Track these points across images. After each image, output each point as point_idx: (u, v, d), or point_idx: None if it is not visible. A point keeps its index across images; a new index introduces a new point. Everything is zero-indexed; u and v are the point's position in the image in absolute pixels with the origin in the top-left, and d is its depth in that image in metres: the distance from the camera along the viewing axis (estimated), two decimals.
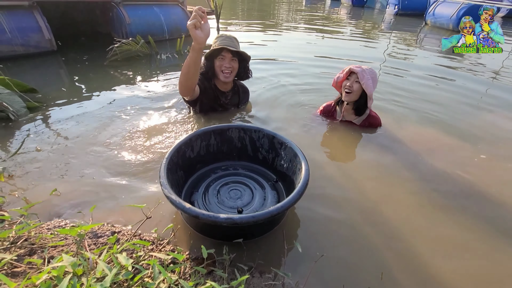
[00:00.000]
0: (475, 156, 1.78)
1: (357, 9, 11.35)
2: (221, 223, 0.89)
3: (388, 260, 1.06)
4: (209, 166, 1.43)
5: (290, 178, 1.27)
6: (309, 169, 1.12)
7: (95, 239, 1.03)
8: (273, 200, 1.27)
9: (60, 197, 1.27)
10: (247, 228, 1.07)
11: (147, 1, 4.10)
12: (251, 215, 0.91)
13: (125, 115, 2.01)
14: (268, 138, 1.39)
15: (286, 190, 1.31)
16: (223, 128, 1.41)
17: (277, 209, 0.93)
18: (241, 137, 1.44)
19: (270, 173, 1.42)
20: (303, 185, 1.03)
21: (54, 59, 3.18)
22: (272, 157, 1.41)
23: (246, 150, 1.46)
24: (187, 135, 1.29)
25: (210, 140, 1.40)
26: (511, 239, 1.20)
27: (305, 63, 3.55)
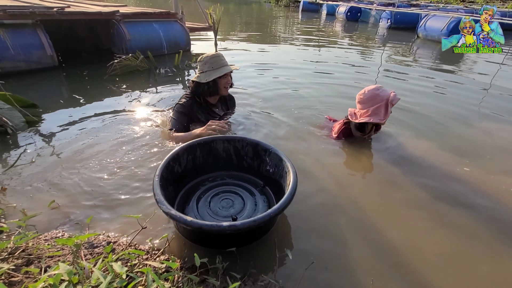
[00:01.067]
0: (465, 167, 1.82)
1: (352, 23, 11.68)
2: (225, 231, 0.93)
3: (379, 268, 1.09)
4: (197, 179, 1.45)
5: (277, 182, 1.33)
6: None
7: (91, 249, 1.05)
8: (264, 204, 1.32)
9: (57, 209, 1.29)
10: (245, 234, 1.10)
11: (146, 18, 4.25)
12: (252, 220, 0.96)
13: (122, 129, 2.06)
14: (252, 146, 1.44)
15: (275, 193, 1.37)
16: (207, 141, 1.42)
17: (275, 211, 0.99)
18: (226, 147, 1.47)
19: (256, 179, 1.47)
20: (293, 186, 1.09)
21: (55, 75, 3.27)
22: (257, 164, 1.46)
23: (231, 160, 1.49)
24: (174, 150, 1.29)
25: (196, 153, 1.41)
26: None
27: (302, 74, 3.65)
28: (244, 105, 2.55)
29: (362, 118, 1.78)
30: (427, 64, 4.86)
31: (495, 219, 1.38)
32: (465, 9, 11.04)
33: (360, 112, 1.82)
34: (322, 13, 14.96)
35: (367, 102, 1.78)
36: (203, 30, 5.58)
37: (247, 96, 2.83)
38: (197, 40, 5.81)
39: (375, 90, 1.77)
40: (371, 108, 1.75)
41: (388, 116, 1.73)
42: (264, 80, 3.35)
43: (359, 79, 3.64)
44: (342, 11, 12.48)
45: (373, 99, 1.75)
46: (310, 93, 2.99)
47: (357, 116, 1.83)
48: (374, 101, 1.75)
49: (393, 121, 2.35)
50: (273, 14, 14.66)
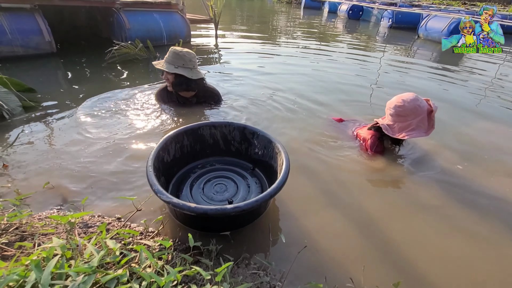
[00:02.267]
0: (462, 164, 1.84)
1: (353, 21, 11.65)
2: (230, 213, 0.94)
3: (371, 254, 1.10)
4: (186, 167, 1.44)
5: (267, 163, 1.36)
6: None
7: (85, 228, 1.05)
8: (257, 186, 1.35)
9: (52, 190, 1.29)
10: (243, 216, 1.12)
11: (147, 7, 4.20)
12: (255, 200, 0.98)
13: (118, 115, 2.05)
14: (239, 131, 1.45)
15: (265, 174, 1.40)
16: (193, 127, 1.41)
17: (274, 189, 1.02)
18: (212, 133, 1.47)
19: (245, 162, 1.49)
20: (287, 165, 1.13)
21: (53, 61, 3.23)
22: (245, 147, 1.47)
23: (219, 145, 1.49)
24: (162, 140, 1.27)
25: (183, 141, 1.39)
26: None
27: (300, 74, 3.65)
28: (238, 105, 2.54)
29: (406, 132, 1.63)
30: (427, 64, 4.87)
31: (492, 215, 1.40)
32: (466, 11, 11.04)
33: (399, 125, 1.66)
34: (324, 10, 14.89)
35: (409, 115, 1.62)
36: (204, 22, 5.54)
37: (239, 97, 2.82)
38: (197, 32, 5.77)
39: (415, 101, 1.62)
40: (414, 121, 1.61)
41: (434, 127, 1.62)
42: (262, 79, 3.32)
43: (360, 78, 3.64)
44: (344, 9, 12.43)
45: (415, 111, 1.61)
46: (309, 92, 2.99)
47: (395, 130, 1.68)
48: (416, 113, 1.61)
49: None
50: (275, 11, 14.57)
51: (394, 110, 1.67)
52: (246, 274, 0.96)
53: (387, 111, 1.75)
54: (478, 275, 1.07)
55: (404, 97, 1.66)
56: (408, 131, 1.63)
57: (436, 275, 1.04)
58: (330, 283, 0.94)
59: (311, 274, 0.99)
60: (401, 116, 1.65)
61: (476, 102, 3.03)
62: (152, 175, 1.06)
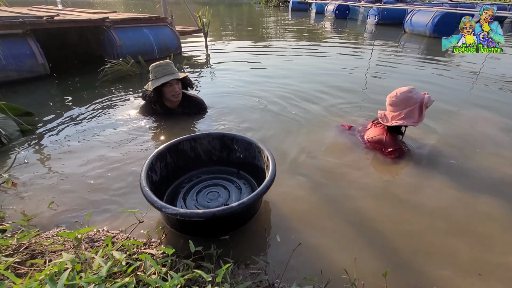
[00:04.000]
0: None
1: (340, 20, 11.86)
2: (237, 210, 1.02)
3: (361, 246, 1.17)
4: (173, 184, 1.46)
5: (251, 163, 1.45)
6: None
7: (91, 243, 1.11)
8: (246, 186, 1.44)
9: (57, 209, 1.35)
10: (243, 213, 1.22)
11: (136, 23, 4.29)
12: (255, 193, 1.07)
13: (115, 132, 2.12)
14: (218, 139, 1.53)
15: (251, 174, 1.49)
16: (174, 144, 1.44)
17: (269, 181, 1.14)
18: (193, 146, 1.51)
19: (229, 168, 1.56)
20: (273, 160, 1.25)
21: (47, 83, 3.30)
22: (226, 153, 1.55)
23: (200, 157, 1.55)
24: (148, 160, 1.28)
25: (167, 159, 1.41)
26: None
27: (293, 75, 3.74)
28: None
29: (395, 121, 1.75)
30: (415, 57, 4.99)
31: (488, 207, 1.47)
32: (450, 3, 11.26)
33: (392, 115, 1.79)
34: (312, 12, 15.12)
35: (400, 104, 1.75)
36: (193, 33, 5.64)
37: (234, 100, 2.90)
38: (188, 43, 5.87)
39: (408, 92, 1.74)
40: (404, 110, 1.74)
41: (422, 118, 1.72)
42: (255, 86, 3.40)
43: (351, 75, 3.73)
44: (331, 9, 12.65)
45: (406, 101, 1.73)
46: (305, 96, 3.07)
47: (388, 118, 1.80)
48: (407, 103, 1.74)
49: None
50: (263, 15, 14.77)
51: (388, 101, 1.84)
52: (246, 274, 1.02)
53: (386, 103, 1.87)
54: (462, 264, 1.14)
55: (400, 89, 1.80)
56: (398, 119, 1.76)
57: (421, 264, 1.11)
58: (325, 276, 1.00)
59: (307, 269, 1.06)
60: (393, 106, 1.80)
61: (466, 91, 3.13)
62: (150, 193, 1.09)
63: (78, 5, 16.31)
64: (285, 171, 1.66)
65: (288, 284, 0.97)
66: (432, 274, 1.06)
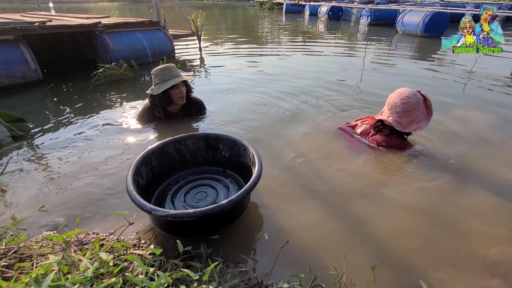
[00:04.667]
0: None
1: (334, 22, 11.97)
2: (227, 207, 1.04)
3: (349, 242, 1.19)
4: (160, 187, 1.45)
5: (237, 161, 1.47)
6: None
7: (80, 246, 1.11)
8: (233, 184, 1.46)
9: (47, 213, 1.35)
10: (232, 210, 1.23)
11: (129, 27, 4.31)
12: (244, 189, 1.09)
13: (108, 137, 2.12)
14: (202, 140, 1.53)
15: (237, 171, 1.51)
16: (159, 146, 1.43)
17: (256, 177, 1.16)
18: (177, 148, 1.51)
19: (215, 168, 1.57)
20: (258, 156, 1.29)
21: (40, 88, 3.29)
22: (212, 153, 1.56)
23: (186, 159, 1.54)
24: (133, 164, 1.27)
25: (152, 162, 1.40)
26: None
27: (289, 76, 3.77)
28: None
29: (416, 124, 1.78)
30: (408, 57, 5.05)
31: (475, 203, 1.50)
32: (441, 2, 11.42)
33: (407, 120, 1.79)
34: (305, 13, 15.24)
35: (414, 108, 1.77)
36: (186, 37, 5.66)
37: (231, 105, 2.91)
38: (182, 46, 5.89)
39: (416, 95, 1.77)
40: (418, 113, 1.78)
41: (431, 114, 1.81)
42: (250, 87, 3.43)
43: (345, 75, 3.77)
44: (324, 11, 12.76)
45: (418, 104, 1.77)
46: (300, 97, 3.09)
47: (404, 124, 1.80)
48: (419, 106, 1.78)
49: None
50: (258, 18, 14.86)
51: (400, 107, 1.78)
52: (235, 273, 1.02)
53: (391, 109, 1.83)
54: (447, 258, 1.15)
55: (405, 93, 1.79)
56: (416, 123, 1.79)
57: (407, 259, 1.13)
58: (314, 273, 1.01)
59: (295, 266, 1.07)
60: (407, 111, 1.78)
61: (459, 90, 3.17)
62: (138, 197, 1.09)
63: (72, 11, 16.31)
64: (274, 171, 1.68)
65: (276, 281, 0.98)
66: (418, 268, 1.08)
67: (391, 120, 1.82)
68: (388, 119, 1.84)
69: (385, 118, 1.86)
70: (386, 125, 1.89)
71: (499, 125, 2.33)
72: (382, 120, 1.89)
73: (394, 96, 1.83)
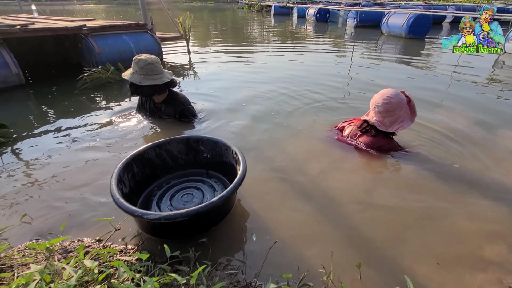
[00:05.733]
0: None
1: (322, 24, 12.14)
2: (218, 204, 1.06)
3: (336, 241, 1.21)
4: (144, 194, 1.42)
5: (219, 161, 1.49)
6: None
7: (65, 254, 1.08)
8: (218, 184, 1.48)
9: (30, 222, 1.31)
10: (220, 209, 1.25)
11: (115, 30, 4.24)
12: (232, 185, 1.12)
13: (91, 141, 2.08)
14: (183, 143, 1.53)
15: (221, 171, 1.52)
16: (139, 153, 1.40)
17: (242, 173, 1.20)
18: (158, 153, 1.49)
19: (197, 170, 1.57)
20: (242, 155, 1.31)
21: (23, 93, 3.19)
22: (193, 156, 1.56)
23: (167, 163, 1.53)
24: (115, 173, 1.24)
25: (133, 169, 1.37)
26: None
27: (280, 78, 3.79)
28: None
29: (398, 124, 1.81)
30: (393, 57, 5.17)
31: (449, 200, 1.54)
32: (424, 5, 11.78)
33: (389, 120, 1.82)
34: (293, 16, 15.39)
35: (396, 108, 1.80)
36: (174, 40, 5.62)
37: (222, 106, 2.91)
38: (170, 49, 5.84)
39: (398, 95, 1.80)
40: (401, 113, 1.81)
41: (415, 115, 1.85)
42: (241, 88, 3.44)
43: (334, 76, 3.83)
44: (312, 13, 12.93)
45: (400, 104, 1.81)
46: (290, 99, 3.12)
47: (386, 124, 1.83)
48: (401, 106, 1.81)
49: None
50: (247, 20, 14.91)
51: (382, 107, 1.81)
52: (223, 275, 1.02)
53: (374, 109, 1.88)
54: (432, 255, 1.19)
55: (387, 93, 1.82)
56: (399, 123, 1.82)
57: (393, 256, 1.15)
58: (302, 272, 1.02)
59: (284, 266, 1.08)
60: (389, 111, 1.81)
61: (442, 89, 3.27)
62: (127, 203, 1.07)
63: (56, 13, 15.89)
64: (261, 173, 1.68)
65: (264, 282, 0.99)
66: (403, 264, 1.11)
67: (374, 120, 1.87)
68: (371, 120, 1.88)
69: (369, 119, 1.90)
70: (372, 126, 1.93)
71: (484, 123, 2.40)
72: (367, 121, 1.93)
73: (377, 96, 1.87)
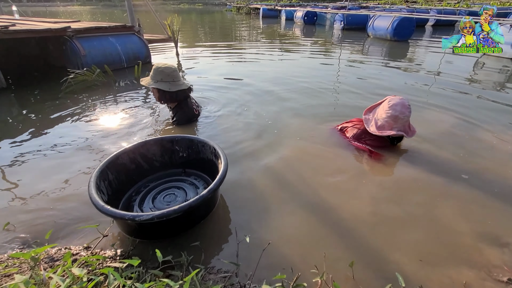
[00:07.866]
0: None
1: (309, 26, 12.30)
2: (208, 196, 1.10)
3: (329, 241, 1.22)
4: (122, 199, 1.38)
5: (197, 158, 1.50)
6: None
7: (51, 262, 1.04)
8: (199, 181, 1.49)
9: (14, 230, 1.26)
10: (209, 202, 1.28)
11: (101, 32, 4.15)
12: (213, 184, 1.13)
13: (76, 145, 2.03)
14: (156, 145, 1.52)
15: (199, 168, 1.53)
16: (113, 159, 1.37)
17: (224, 171, 1.22)
18: (132, 158, 1.45)
19: (174, 170, 1.57)
20: (221, 150, 1.34)
21: (4, 97, 3.07)
22: (168, 157, 1.55)
23: (142, 167, 1.50)
24: (92, 180, 1.20)
25: (108, 177, 1.33)
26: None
27: (269, 79, 3.80)
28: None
29: (384, 131, 1.89)
30: (379, 59, 5.30)
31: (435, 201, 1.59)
32: (407, 8, 12.15)
33: (383, 122, 1.90)
34: (282, 18, 15.55)
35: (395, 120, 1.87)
36: (162, 42, 5.56)
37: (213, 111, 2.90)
38: (158, 51, 5.77)
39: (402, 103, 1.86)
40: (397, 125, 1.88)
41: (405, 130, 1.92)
42: (230, 89, 3.44)
43: (322, 77, 3.87)
44: (300, 16, 13.09)
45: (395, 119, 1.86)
46: (283, 102, 3.13)
47: (382, 127, 1.91)
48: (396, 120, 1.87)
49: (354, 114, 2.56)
50: (235, 22, 14.93)
51: (409, 115, 1.87)
52: (217, 278, 1.01)
53: (400, 120, 1.87)
54: (421, 253, 1.22)
55: (391, 101, 1.88)
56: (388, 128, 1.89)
57: (384, 255, 1.18)
58: (296, 273, 1.02)
59: (277, 267, 1.07)
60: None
61: (425, 90, 3.37)
62: (114, 209, 1.04)
63: (39, 15, 15.43)
64: (254, 175, 1.68)
65: (259, 284, 0.98)
66: (395, 263, 1.13)
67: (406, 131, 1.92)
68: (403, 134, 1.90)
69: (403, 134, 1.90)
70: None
71: (467, 122, 2.49)
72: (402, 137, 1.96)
73: (397, 107, 1.86)
